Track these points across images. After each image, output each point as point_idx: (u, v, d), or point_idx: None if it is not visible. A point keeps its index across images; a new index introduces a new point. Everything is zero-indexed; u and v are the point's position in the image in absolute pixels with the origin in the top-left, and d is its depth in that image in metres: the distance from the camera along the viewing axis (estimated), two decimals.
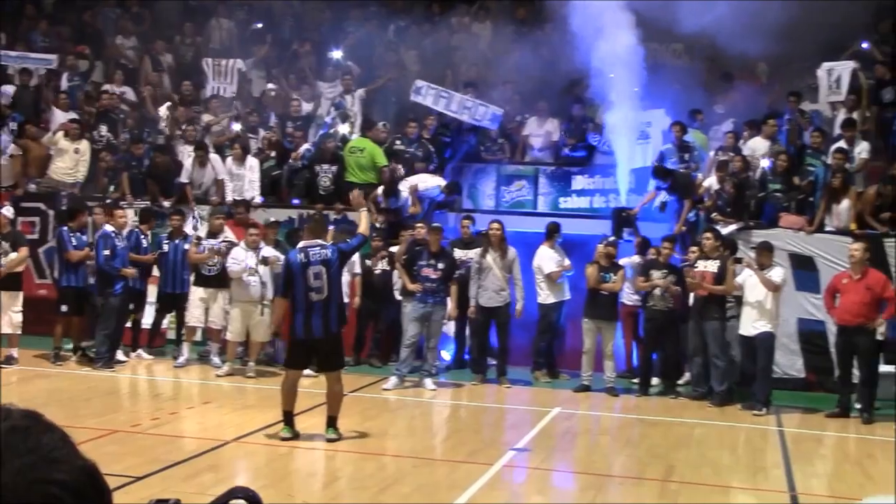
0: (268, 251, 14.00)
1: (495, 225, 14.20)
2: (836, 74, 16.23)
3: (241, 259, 13.81)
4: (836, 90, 16.26)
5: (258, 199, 16.14)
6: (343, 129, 17.28)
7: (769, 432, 11.97)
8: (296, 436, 10.27)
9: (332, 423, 10.37)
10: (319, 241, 10.40)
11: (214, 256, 14.39)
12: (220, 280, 14.46)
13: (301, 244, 10.40)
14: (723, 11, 15.11)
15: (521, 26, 19.32)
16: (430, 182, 15.83)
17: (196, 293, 14.50)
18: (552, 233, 14.58)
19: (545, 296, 14.46)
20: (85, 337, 14.64)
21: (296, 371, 10.47)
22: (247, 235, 14.10)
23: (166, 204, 16.13)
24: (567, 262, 14.50)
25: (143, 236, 14.79)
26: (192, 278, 14.66)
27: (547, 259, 14.45)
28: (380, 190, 15.90)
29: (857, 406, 12.75)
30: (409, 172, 16.21)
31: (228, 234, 14.90)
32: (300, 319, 10.15)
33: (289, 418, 10.31)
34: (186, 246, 14.62)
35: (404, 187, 15.83)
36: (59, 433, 1.29)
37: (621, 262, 14.22)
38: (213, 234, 14.72)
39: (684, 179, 15.20)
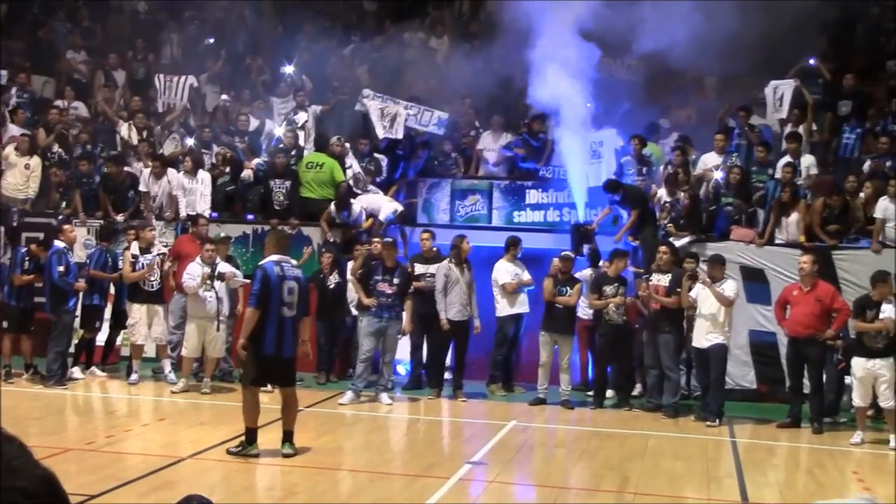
0: (223, 267, 13.94)
1: (465, 240, 14.35)
2: (780, 92, 16.48)
3: (196, 274, 13.73)
4: (779, 108, 16.51)
5: (208, 213, 16.04)
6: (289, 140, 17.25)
7: (722, 443, 12.11)
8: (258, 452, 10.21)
9: (288, 437, 10.31)
10: (286, 257, 10.30)
11: (153, 271, 14.30)
12: (159, 296, 14.40)
13: (274, 258, 10.15)
14: (672, 27, 15.29)
15: (473, 41, 19.42)
16: (386, 208, 15.87)
17: (138, 311, 14.40)
18: (510, 246, 14.68)
19: (501, 308, 14.55)
20: (36, 354, 14.48)
21: (258, 388, 10.36)
22: (203, 251, 14.01)
23: (119, 218, 16.02)
24: (527, 275, 14.60)
25: (107, 254, 14.67)
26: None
27: (503, 272, 14.55)
28: (332, 205, 15.94)
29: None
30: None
31: (160, 246, 14.86)
32: (271, 335, 9.93)
33: (254, 435, 10.20)
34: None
35: (358, 204, 15.88)
36: (17, 443, 1.32)
37: (577, 275, 14.32)
38: (146, 248, 14.59)
39: (634, 192, 15.36)
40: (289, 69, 19.25)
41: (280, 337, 9.99)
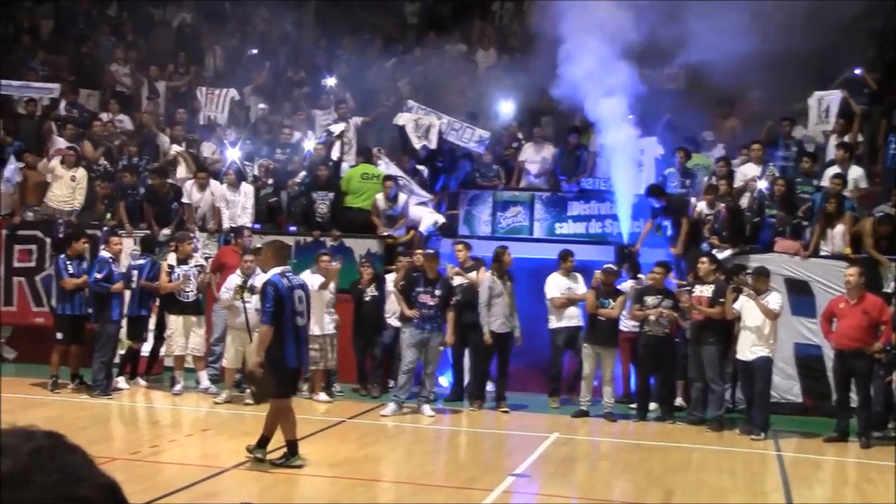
0: (261, 279, 13.89)
1: (507, 251, 14.31)
2: (825, 104, 16.33)
3: (231, 286, 13.80)
4: (825, 119, 16.36)
5: (249, 225, 16.10)
6: (334, 154, 17.33)
7: (767, 457, 11.97)
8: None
9: (282, 445, 10.28)
10: (287, 268, 10.35)
11: (188, 282, 14.37)
12: (195, 307, 14.47)
13: (277, 270, 10.15)
14: (714, 38, 15.21)
15: (514, 53, 19.45)
16: (427, 220, 15.92)
17: (175, 322, 14.49)
18: (560, 260, 14.62)
19: (552, 321, 14.50)
20: (82, 365, 14.59)
21: (288, 399, 10.35)
22: (242, 262, 14.05)
23: (166, 231, 16.12)
24: (581, 289, 14.45)
25: (156, 265, 14.79)
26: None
27: (552, 286, 14.50)
28: (380, 196, 15.92)
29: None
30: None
31: (198, 258, 14.93)
32: (292, 348, 9.97)
33: (295, 447, 10.19)
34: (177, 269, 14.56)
35: (404, 196, 15.93)
36: (81, 452, 1.33)
37: (621, 286, 14.24)
38: (183, 259, 14.66)
39: (679, 202, 15.28)
40: (330, 81, 19.36)
41: (300, 348, 10.10)
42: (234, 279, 13.84)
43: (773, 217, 15.04)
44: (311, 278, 14.11)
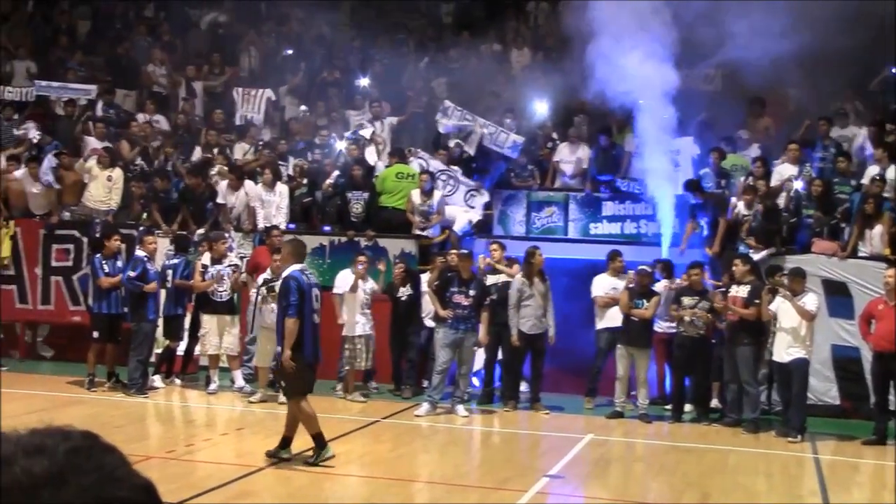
0: None
1: (538, 252, 14.22)
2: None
3: (259, 285, 13.82)
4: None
5: (283, 225, 16.17)
6: (370, 155, 17.36)
7: (805, 460, 11.87)
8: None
9: (287, 443, 10.35)
10: (303, 265, 10.46)
11: (222, 281, 14.41)
12: (229, 306, 14.51)
13: (297, 266, 10.27)
14: (752, 39, 15.10)
15: (550, 52, 19.39)
16: (461, 219, 15.92)
17: (209, 321, 14.55)
18: (609, 260, 14.56)
19: (597, 322, 14.44)
20: (118, 363, 14.68)
21: (306, 395, 10.39)
22: (272, 262, 14.09)
23: (200, 231, 16.19)
24: None
25: (189, 265, 14.88)
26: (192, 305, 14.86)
27: (598, 286, 14.45)
28: (416, 193, 15.96)
29: None
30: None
31: (233, 258, 14.99)
32: (309, 343, 10.10)
33: (322, 440, 10.22)
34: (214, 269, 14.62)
35: (439, 193, 15.99)
36: (118, 453, 1.32)
37: (657, 287, 14.15)
38: (217, 259, 14.73)
39: (717, 200, 15.20)
40: (364, 81, 19.39)
41: (316, 344, 10.22)
42: (263, 278, 13.89)
43: (811, 217, 14.90)
44: (349, 278, 14.18)
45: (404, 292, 14.89)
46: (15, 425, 1.31)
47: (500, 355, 14.59)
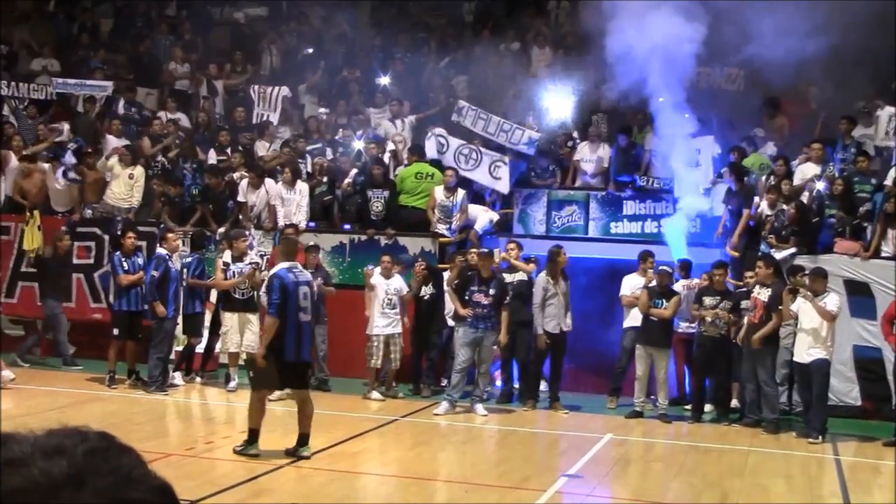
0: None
1: (562, 251, 14.18)
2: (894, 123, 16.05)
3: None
4: (892, 135, 16.09)
5: (304, 224, 16.19)
6: (388, 154, 17.39)
7: (825, 461, 11.81)
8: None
9: (304, 440, 10.47)
10: (294, 263, 10.57)
11: (245, 280, 14.43)
12: (250, 304, 14.54)
13: (285, 264, 10.41)
14: (775, 39, 15.03)
15: (570, 51, 19.35)
16: (482, 218, 15.91)
17: (230, 319, 14.58)
18: (640, 260, 14.53)
19: (625, 321, 14.41)
20: (139, 361, 14.74)
21: (267, 393, 10.60)
22: None
23: (221, 230, 16.23)
24: None
25: (204, 262, 14.93)
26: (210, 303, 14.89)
27: (626, 285, 14.42)
28: (439, 189, 15.97)
29: None
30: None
31: (253, 256, 15.00)
32: (291, 341, 10.17)
33: (256, 436, 10.40)
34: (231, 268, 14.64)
35: (461, 192, 15.99)
36: (135, 454, 1.31)
37: (675, 286, 14.10)
38: (238, 257, 14.74)
39: (748, 190, 15.16)
40: (384, 80, 19.40)
41: (299, 342, 10.24)
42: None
43: (833, 217, 14.82)
44: (376, 279, 14.20)
45: (427, 291, 14.87)
46: (36, 422, 1.31)
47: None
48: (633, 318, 14.24)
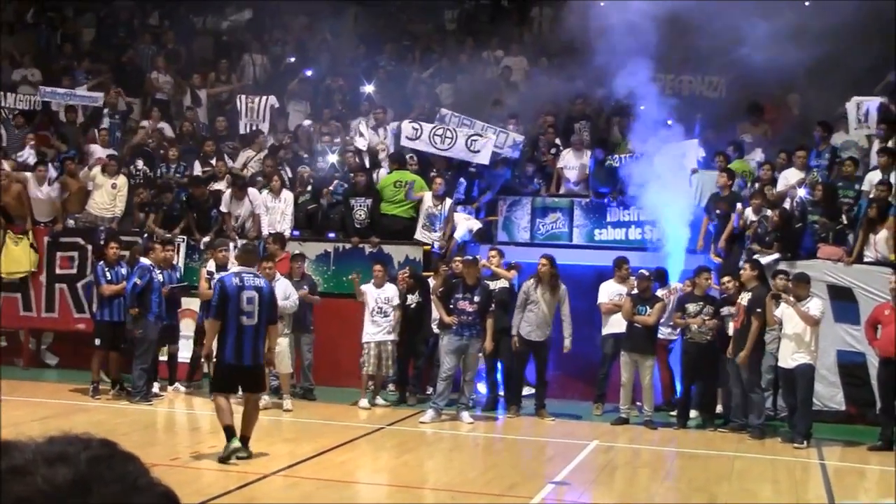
0: (282, 284, 13.76)
1: (543, 260, 14.16)
2: (864, 108, 16.13)
3: None
4: (864, 124, 16.16)
5: (288, 232, 16.15)
6: (360, 143, 17.38)
7: (811, 465, 11.85)
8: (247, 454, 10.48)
9: (244, 442, 10.54)
10: (250, 269, 10.78)
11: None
12: None
13: (235, 269, 10.77)
14: (757, 45, 15.11)
15: (553, 59, 19.40)
16: (462, 227, 15.89)
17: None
18: (616, 267, 14.60)
19: (603, 328, 14.42)
20: (123, 371, 14.67)
21: (225, 394, 10.64)
22: (262, 268, 14.04)
23: (205, 240, 16.19)
24: None
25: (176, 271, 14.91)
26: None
27: (604, 292, 14.47)
28: (428, 196, 15.99)
29: None
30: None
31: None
32: (230, 344, 10.38)
33: (231, 431, 10.48)
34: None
35: (448, 202, 15.97)
36: (138, 461, 1.30)
37: (659, 293, 14.13)
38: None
39: (734, 196, 15.20)
40: (368, 88, 19.39)
41: (239, 345, 10.38)
42: None
43: (816, 223, 14.87)
44: (366, 287, 14.19)
45: (413, 300, 14.84)
46: (20, 433, 1.30)
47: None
48: (613, 325, 14.29)
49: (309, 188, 16.94)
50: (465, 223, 16.01)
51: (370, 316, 14.21)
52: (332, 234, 16.64)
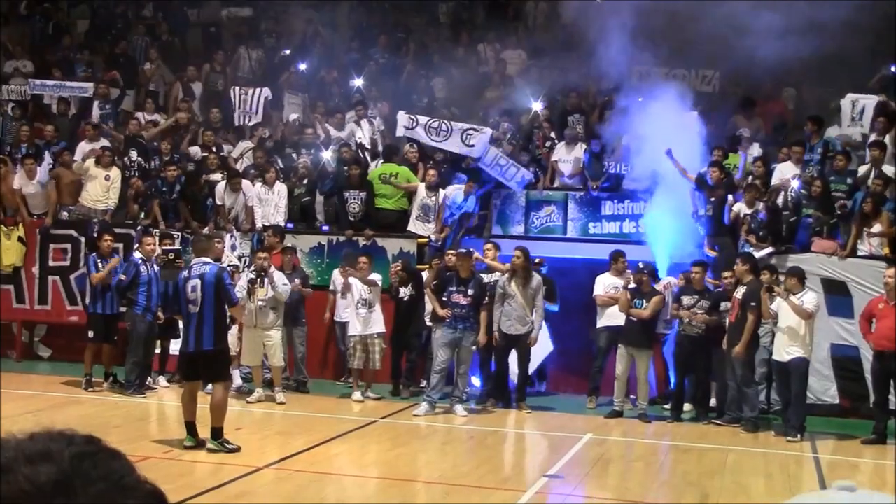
0: (278, 276, 13.75)
1: (517, 252, 14.09)
2: (859, 106, 16.09)
3: (245, 285, 13.68)
4: (858, 121, 16.13)
5: (283, 224, 16.11)
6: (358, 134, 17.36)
7: (804, 459, 11.85)
8: (199, 444, 10.63)
9: (214, 434, 10.63)
10: (203, 259, 10.96)
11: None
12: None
13: (192, 261, 11.05)
14: (751, 40, 15.08)
15: (547, 52, 19.36)
16: (451, 189, 15.92)
17: None
18: (612, 261, 14.57)
19: (598, 320, 14.40)
20: (116, 364, 14.62)
21: (191, 383, 10.92)
22: (255, 259, 14.06)
23: (205, 232, 16.12)
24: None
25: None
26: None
27: (599, 285, 14.45)
28: (422, 186, 15.95)
29: None
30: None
31: (232, 258, 14.93)
32: (185, 333, 10.84)
33: (191, 428, 10.67)
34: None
35: (443, 193, 15.98)
36: (124, 458, 1.27)
37: (658, 286, 14.09)
38: (215, 259, 14.53)
39: (730, 187, 15.18)
40: (358, 82, 19.34)
41: (186, 333, 10.77)
42: (246, 276, 13.81)
43: (810, 217, 14.86)
44: (352, 279, 14.15)
45: (406, 293, 14.80)
46: (12, 426, 1.27)
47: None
48: (608, 318, 14.27)
49: (305, 181, 16.84)
50: (453, 189, 15.97)
51: (354, 308, 14.14)
52: (326, 227, 16.59)
